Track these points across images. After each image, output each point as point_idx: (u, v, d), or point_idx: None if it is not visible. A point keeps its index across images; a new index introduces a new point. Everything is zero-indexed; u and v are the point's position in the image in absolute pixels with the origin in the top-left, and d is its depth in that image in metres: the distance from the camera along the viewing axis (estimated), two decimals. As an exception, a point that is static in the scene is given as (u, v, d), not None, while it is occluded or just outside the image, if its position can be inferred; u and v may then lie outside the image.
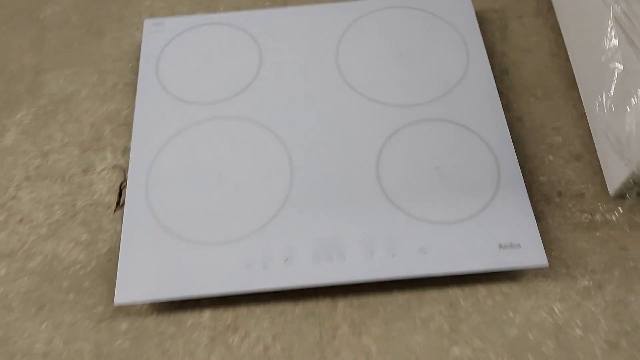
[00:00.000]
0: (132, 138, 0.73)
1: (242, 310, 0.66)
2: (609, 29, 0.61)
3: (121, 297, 0.62)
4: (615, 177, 0.66)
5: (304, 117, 0.72)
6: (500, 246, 0.62)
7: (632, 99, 0.57)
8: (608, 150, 0.65)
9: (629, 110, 0.58)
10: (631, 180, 0.63)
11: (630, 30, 0.58)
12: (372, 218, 0.65)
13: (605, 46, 0.62)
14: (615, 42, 0.60)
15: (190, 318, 0.66)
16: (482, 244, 0.63)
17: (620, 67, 0.60)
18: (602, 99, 0.62)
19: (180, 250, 0.64)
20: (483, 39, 0.83)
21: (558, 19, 0.85)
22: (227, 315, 0.66)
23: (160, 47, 0.80)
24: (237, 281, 0.62)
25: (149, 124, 0.74)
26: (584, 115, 0.76)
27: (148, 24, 0.83)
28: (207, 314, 0.66)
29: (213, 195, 0.67)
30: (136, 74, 0.84)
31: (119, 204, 0.73)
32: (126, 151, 0.78)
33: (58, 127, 0.81)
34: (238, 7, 0.91)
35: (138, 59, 0.85)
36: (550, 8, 0.88)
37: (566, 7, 0.81)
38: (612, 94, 0.61)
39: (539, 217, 0.70)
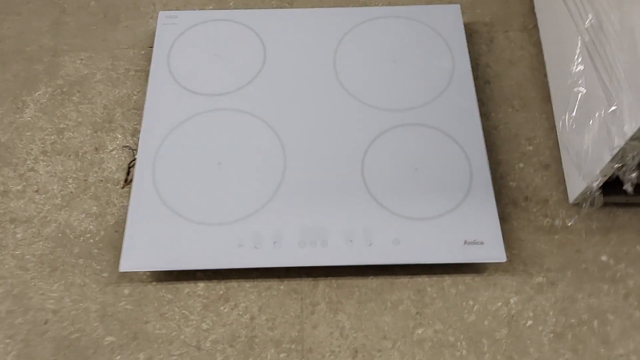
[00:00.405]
0: (142, 122, 0.80)
1: (233, 284, 0.74)
2: (577, 54, 0.68)
3: (126, 265, 0.70)
4: (575, 188, 0.74)
5: (300, 115, 0.80)
6: (466, 242, 0.70)
7: (590, 121, 0.65)
8: (570, 163, 0.72)
9: (587, 130, 0.65)
10: (587, 192, 0.71)
11: (596, 58, 0.65)
12: (354, 210, 0.72)
13: (573, 70, 0.69)
14: (581, 67, 0.67)
15: (186, 287, 0.74)
16: (450, 239, 0.71)
17: (584, 90, 0.67)
18: (565, 117, 0.69)
19: (180, 227, 0.72)
20: (470, 50, 0.90)
21: (540, 35, 0.92)
22: (220, 287, 0.73)
23: (172, 39, 0.87)
24: (230, 258, 0.70)
25: (158, 110, 0.81)
26: (554, 127, 0.83)
27: (162, 16, 0.89)
28: (201, 285, 0.74)
29: (212, 180, 0.75)
30: (147, 61, 0.91)
31: (127, 181, 0.81)
32: (135, 133, 0.85)
33: (73, 107, 0.88)
34: (247, 4, 0.97)
35: (150, 47, 0.92)
36: (536, 24, 0.94)
37: (547, 26, 0.88)
38: (574, 114, 0.68)
39: (505, 218, 0.77)
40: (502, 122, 0.86)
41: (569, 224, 0.75)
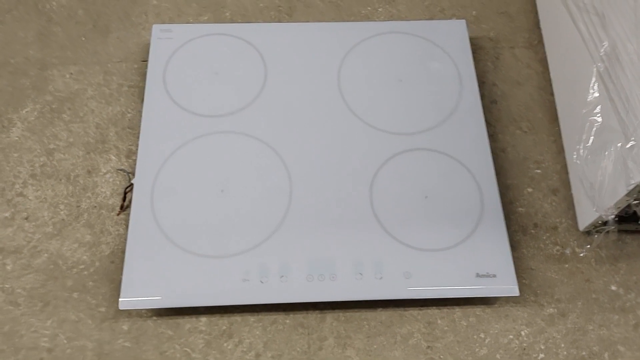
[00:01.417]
0: (139, 145, 0.76)
1: (237, 318, 0.71)
2: (592, 83, 0.66)
3: (126, 303, 0.66)
4: (585, 216, 0.73)
5: (305, 138, 0.77)
6: (478, 275, 0.68)
7: (606, 153, 0.63)
8: (582, 192, 0.71)
9: (603, 163, 0.64)
10: (599, 222, 0.69)
11: (611, 88, 0.63)
12: (364, 241, 0.70)
13: (587, 98, 0.67)
14: (596, 95, 0.66)
15: (187, 323, 0.70)
16: (462, 271, 0.69)
17: (599, 120, 0.65)
18: (579, 147, 0.68)
19: (182, 261, 0.68)
20: (476, 67, 0.88)
21: (546, 52, 0.90)
22: (223, 322, 0.71)
23: (167, 55, 0.82)
24: (234, 294, 0.67)
25: (155, 132, 0.77)
26: (563, 150, 0.82)
27: (156, 30, 0.85)
28: (203, 320, 0.71)
29: (215, 210, 0.72)
30: (141, 76, 0.87)
31: (123, 208, 0.77)
32: (130, 154, 0.81)
33: (63, 126, 0.83)
34: (244, 15, 0.93)
35: (143, 61, 0.88)
36: (541, 40, 0.92)
37: (554, 43, 0.86)
38: (589, 144, 0.66)
39: (515, 246, 0.76)
40: (509, 145, 0.84)
41: (581, 255, 0.74)
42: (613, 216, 0.64)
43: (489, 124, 0.85)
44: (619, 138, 0.61)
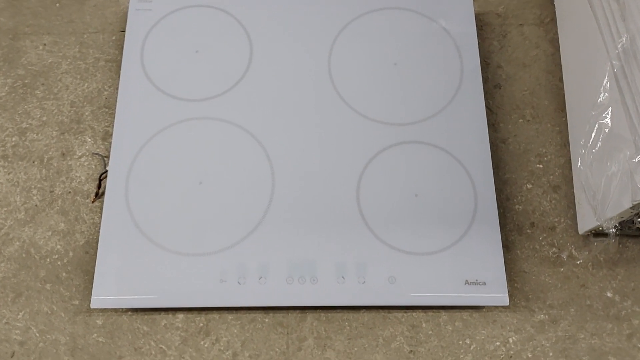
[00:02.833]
0: (114, 130, 0.72)
1: (214, 316, 0.68)
2: (604, 83, 0.60)
3: (98, 301, 0.64)
4: (586, 220, 0.68)
5: (291, 127, 0.71)
6: (467, 282, 0.65)
7: (613, 162, 0.58)
8: (584, 197, 0.66)
9: (608, 172, 0.59)
10: (600, 228, 0.65)
11: (626, 92, 0.57)
12: (348, 242, 0.66)
13: (598, 99, 0.61)
14: (608, 97, 0.60)
15: (164, 319, 0.68)
16: (450, 278, 0.65)
17: (609, 125, 0.60)
18: (585, 152, 0.62)
19: (157, 257, 0.65)
20: (481, 47, 0.81)
21: (558, 31, 0.83)
22: (200, 319, 0.68)
23: (146, 30, 0.76)
24: (211, 295, 0.64)
25: (131, 116, 0.72)
26: (568, 142, 0.77)
27: (134, 1, 0.78)
28: (180, 317, 0.68)
29: (192, 203, 0.68)
30: (119, 49, 0.81)
31: (98, 195, 0.73)
32: (106, 136, 0.76)
33: (36, 103, 0.78)
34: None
35: (121, 32, 0.82)
36: (553, 18, 0.85)
37: (567, 23, 0.79)
38: (595, 150, 0.61)
39: (509, 247, 0.72)
40: (511, 135, 0.78)
41: (578, 262, 0.70)
42: (614, 230, 0.59)
43: (490, 110, 0.79)
44: (629, 148, 0.56)
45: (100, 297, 0.64)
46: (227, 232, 0.66)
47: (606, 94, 0.60)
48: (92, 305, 0.64)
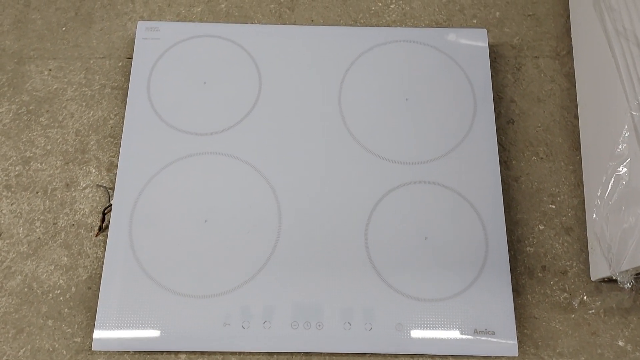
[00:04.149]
0: (119, 166, 0.71)
1: (217, 357, 0.67)
2: (623, 132, 0.58)
3: (99, 344, 0.63)
4: (599, 267, 0.67)
5: (299, 164, 0.70)
6: (476, 331, 0.64)
7: (631, 217, 0.56)
8: (597, 246, 0.64)
9: (625, 226, 0.57)
10: (612, 277, 0.64)
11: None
12: (355, 287, 0.65)
13: (616, 149, 0.59)
14: (627, 149, 0.58)
15: (166, 359, 0.67)
16: (459, 326, 0.64)
17: (627, 178, 0.58)
18: (601, 204, 0.61)
19: (159, 298, 0.64)
20: (494, 80, 0.80)
21: (575, 65, 0.81)
22: (203, 360, 0.67)
23: (153, 60, 0.75)
24: (215, 339, 0.63)
25: (137, 150, 0.71)
26: (582, 183, 0.75)
27: (142, 27, 0.77)
28: (182, 358, 0.67)
29: (197, 243, 0.67)
30: (125, 76, 0.79)
31: (101, 229, 0.72)
32: (111, 167, 0.75)
33: (41, 131, 0.77)
34: (241, 7, 0.84)
35: (128, 58, 0.80)
36: (570, 51, 0.83)
37: (584, 57, 0.77)
38: (611, 202, 0.59)
39: (519, 291, 0.70)
40: (524, 173, 0.77)
41: (590, 311, 0.69)
42: (630, 285, 0.58)
43: (502, 147, 0.77)
44: (647, 204, 0.54)
45: (102, 338, 0.63)
46: (232, 274, 0.65)
47: (625, 145, 0.58)
48: (94, 348, 0.63)
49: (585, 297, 0.70)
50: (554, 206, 0.75)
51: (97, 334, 0.63)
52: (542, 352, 0.68)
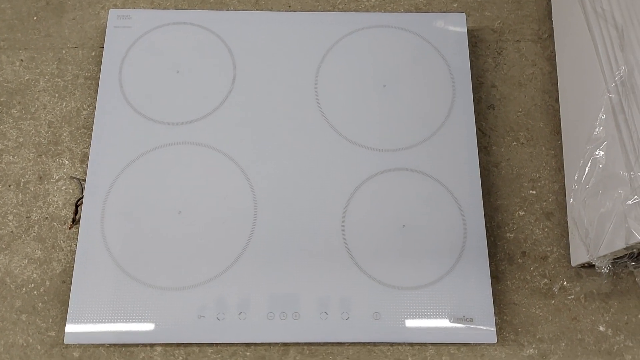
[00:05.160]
0: (90, 157, 0.69)
1: (194, 349, 0.66)
2: (600, 115, 0.57)
3: (72, 337, 0.62)
4: (579, 254, 0.66)
5: (275, 153, 0.69)
6: (454, 319, 0.63)
7: (608, 201, 0.55)
8: (576, 231, 0.64)
9: (602, 210, 0.56)
10: (590, 262, 0.63)
11: (623, 129, 0.54)
12: (332, 276, 0.64)
13: (593, 132, 0.58)
14: (603, 133, 0.57)
15: (142, 352, 0.66)
16: (437, 314, 0.63)
17: (603, 161, 0.57)
18: (578, 188, 0.60)
19: (133, 291, 0.63)
20: (474, 65, 0.78)
21: (556, 48, 0.80)
22: (179, 352, 0.66)
23: (124, 48, 0.73)
24: (189, 332, 0.62)
25: (108, 141, 0.69)
26: (563, 167, 0.74)
27: (113, 15, 0.75)
28: (158, 350, 0.66)
29: (170, 234, 0.65)
30: (99, 65, 0.78)
31: (75, 221, 0.71)
32: (84, 159, 0.74)
33: (12, 124, 0.76)
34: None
35: (101, 47, 0.79)
36: (551, 34, 0.82)
37: (565, 41, 0.75)
38: (588, 186, 0.58)
39: (499, 277, 0.70)
40: (504, 158, 0.76)
41: (570, 296, 0.68)
42: (607, 269, 0.57)
43: (483, 133, 0.76)
44: (623, 187, 0.53)
45: (75, 332, 0.62)
46: (206, 265, 0.64)
47: (602, 128, 0.57)
48: (66, 341, 0.63)
49: (565, 283, 0.70)
50: (534, 191, 0.74)
51: (70, 327, 0.62)
52: (522, 338, 0.68)
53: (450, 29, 0.75)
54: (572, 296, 0.69)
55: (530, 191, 0.74)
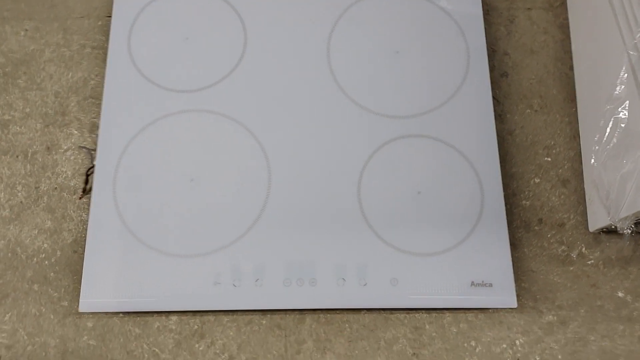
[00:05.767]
0: (100, 124, 0.68)
1: (210, 317, 0.66)
2: (621, 74, 0.56)
3: (86, 305, 0.61)
4: (597, 217, 0.65)
5: (288, 120, 0.68)
6: (473, 284, 0.62)
7: (630, 161, 0.54)
8: (595, 195, 0.63)
9: (623, 171, 0.55)
10: (612, 226, 0.62)
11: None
12: (348, 242, 0.63)
13: (614, 92, 0.57)
14: (625, 91, 0.56)
15: (157, 321, 0.65)
16: (455, 279, 0.62)
17: (625, 121, 0.56)
18: (599, 148, 0.59)
19: (147, 259, 0.62)
20: (487, 33, 0.77)
21: (569, 16, 0.79)
22: (194, 321, 0.65)
23: (133, 15, 0.72)
24: (206, 298, 0.62)
25: (119, 108, 0.68)
26: (578, 134, 0.73)
27: (120, -18, 0.73)
28: (174, 319, 0.65)
29: (183, 202, 0.64)
30: (105, 35, 0.76)
31: (85, 191, 0.70)
32: (93, 129, 0.73)
33: (19, 94, 0.74)
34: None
35: (107, 17, 0.77)
36: (563, 2, 0.81)
37: (579, 8, 0.74)
38: (610, 146, 0.57)
39: (515, 244, 0.69)
40: (518, 126, 0.75)
41: (589, 262, 0.67)
42: (629, 231, 0.56)
43: (496, 101, 0.75)
44: (646, 145, 0.53)
45: (89, 300, 0.61)
46: (221, 232, 0.63)
47: (623, 87, 0.56)
48: (81, 309, 0.62)
49: (583, 249, 0.69)
50: (549, 159, 0.73)
51: (84, 295, 0.61)
52: (541, 305, 0.67)
53: (465, -7, 0.74)
54: (591, 262, 0.68)
55: (546, 158, 0.73)
